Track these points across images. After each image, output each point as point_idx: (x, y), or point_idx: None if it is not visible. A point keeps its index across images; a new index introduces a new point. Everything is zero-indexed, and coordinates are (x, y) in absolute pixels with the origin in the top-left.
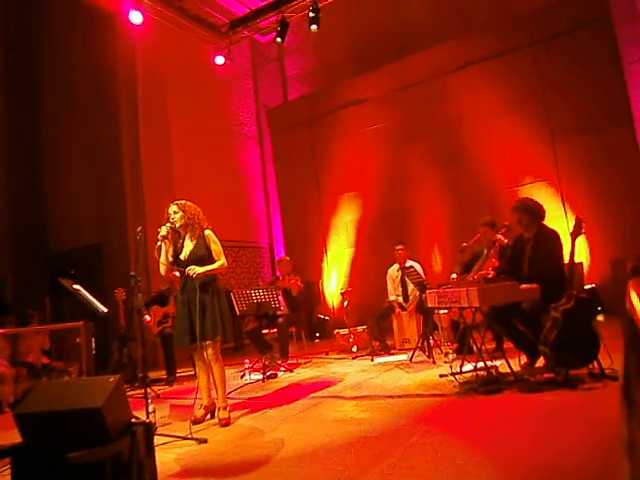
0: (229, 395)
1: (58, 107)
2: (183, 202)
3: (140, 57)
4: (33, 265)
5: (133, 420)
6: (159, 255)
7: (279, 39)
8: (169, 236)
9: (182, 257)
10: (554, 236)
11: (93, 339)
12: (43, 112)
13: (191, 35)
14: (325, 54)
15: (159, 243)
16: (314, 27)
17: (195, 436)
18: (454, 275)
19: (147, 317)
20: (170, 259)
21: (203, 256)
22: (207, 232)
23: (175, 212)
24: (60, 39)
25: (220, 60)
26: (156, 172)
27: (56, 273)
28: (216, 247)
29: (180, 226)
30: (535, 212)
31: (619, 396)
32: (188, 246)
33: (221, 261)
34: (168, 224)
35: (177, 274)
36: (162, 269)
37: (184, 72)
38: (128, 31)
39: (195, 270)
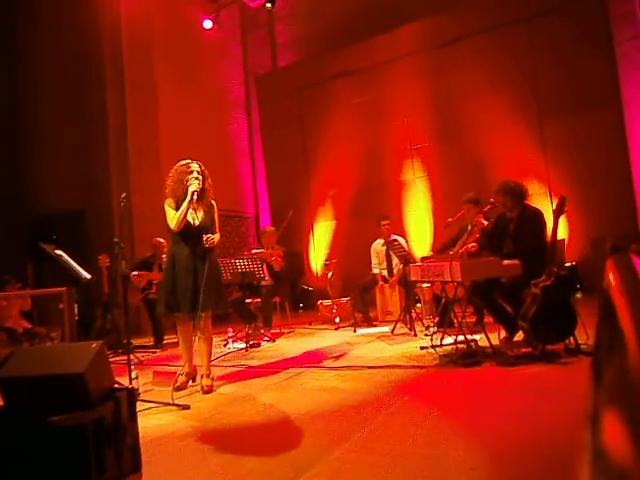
0: (212, 363)
1: (40, 71)
2: (203, 167)
3: (125, 19)
4: (14, 230)
5: (116, 386)
6: (182, 208)
7: (269, 5)
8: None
9: (194, 223)
10: (537, 214)
11: (76, 305)
12: (24, 76)
13: None
14: (316, 22)
15: (195, 197)
16: None
17: (178, 402)
18: (431, 253)
19: (134, 272)
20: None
21: (210, 226)
22: (213, 202)
23: (199, 173)
24: (41, 1)
25: (208, 24)
26: (141, 138)
27: (38, 238)
28: (217, 218)
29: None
30: (517, 193)
31: (589, 370)
32: (200, 212)
33: (219, 233)
34: (198, 181)
35: (161, 240)
36: (177, 223)
37: (171, 36)
38: None
39: (214, 240)
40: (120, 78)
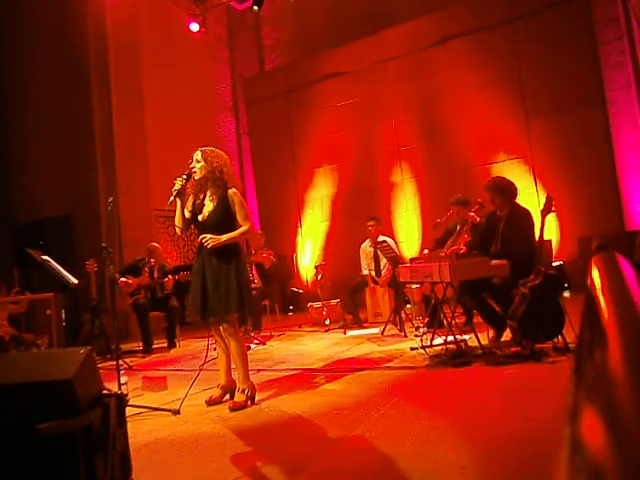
0: (203, 367)
1: (24, 73)
2: (210, 149)
3: (111, 22)
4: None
5: (105, 392)
6: (175, 213)
7: (256, 7)
8: (184, 190)
9: (200, 218)
10: (526, 215)
11: (63, 311)
12: (7, 77)
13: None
14: (303, 25)
15: (172, 198)
16: None
17: (168, 407)
18: (426, 251)
19: (123, 278)
20: (187, 217)
21: (221, 221)
22: (232, 191)
23: (198, 161)
24: (25, 2)
25: (195, 27)
26: (128, 141)
27: (24, 244)
28: (242, 210)
29: (200, 179)
30: (507, 191)
31: (571, 367)
32: (207, 205)
33: (245, 227)
34: (184, 175)
35: (156, 245)
36: (176, 226)
37: (157, 39)
38: None
39: (209, 241)
40: (106, 81)
